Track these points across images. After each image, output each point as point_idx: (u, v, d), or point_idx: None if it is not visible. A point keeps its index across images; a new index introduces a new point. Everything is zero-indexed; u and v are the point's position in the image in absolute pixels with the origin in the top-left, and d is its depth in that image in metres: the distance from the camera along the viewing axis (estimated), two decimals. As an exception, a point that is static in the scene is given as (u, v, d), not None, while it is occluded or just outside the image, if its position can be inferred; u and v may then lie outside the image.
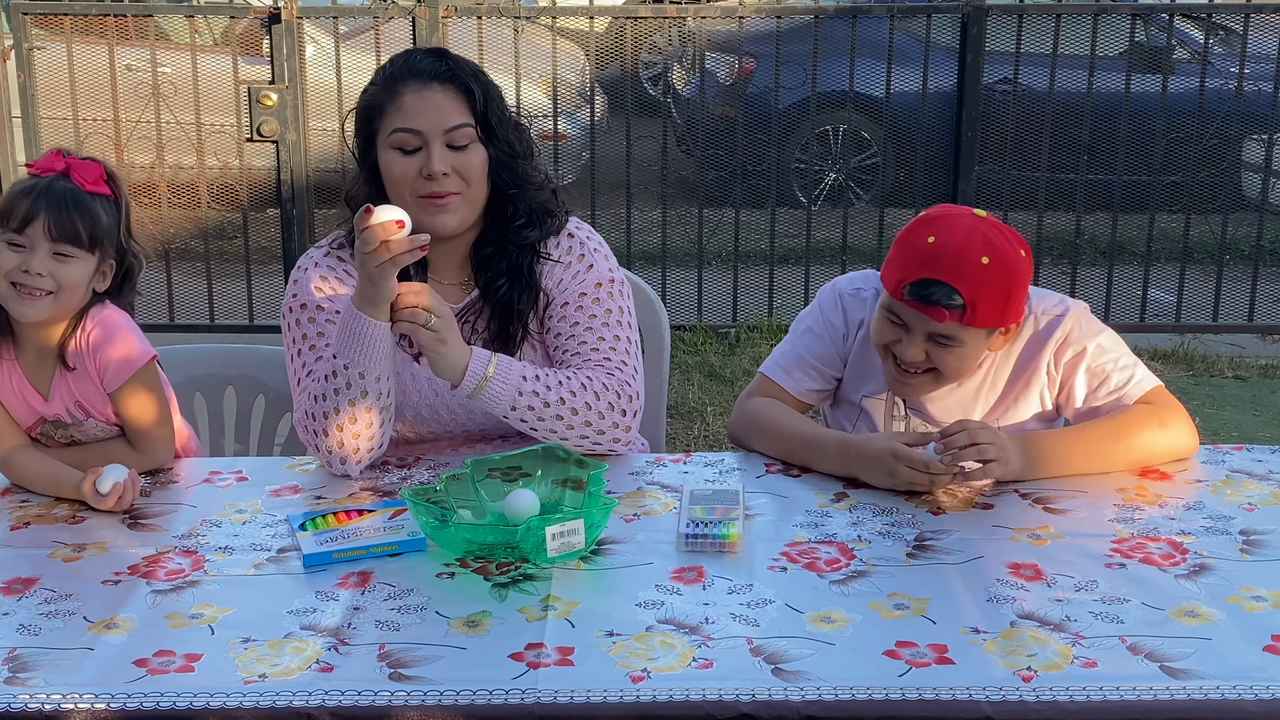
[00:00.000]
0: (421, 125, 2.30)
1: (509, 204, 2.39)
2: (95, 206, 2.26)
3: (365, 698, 1.58)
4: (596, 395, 2.31)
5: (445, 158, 2.30)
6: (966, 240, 2.20)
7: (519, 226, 2.40)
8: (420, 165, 2.30)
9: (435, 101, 2.31)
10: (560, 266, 2.43)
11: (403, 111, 2.31)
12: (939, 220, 2.25)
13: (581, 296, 2.40)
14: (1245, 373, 5.73)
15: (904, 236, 2.28)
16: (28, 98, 5.76)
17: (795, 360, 2.45)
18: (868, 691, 1.58)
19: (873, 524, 2.05)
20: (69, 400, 2.31)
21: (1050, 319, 2.34)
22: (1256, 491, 2.17)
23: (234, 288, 6.12)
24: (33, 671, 1.66)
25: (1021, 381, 2.36)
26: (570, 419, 2.29)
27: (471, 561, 1.93)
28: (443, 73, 2.33)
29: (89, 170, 2.28)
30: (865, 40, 5.91)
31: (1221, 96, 6.19)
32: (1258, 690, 1.57)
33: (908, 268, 2.22)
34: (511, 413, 2.28)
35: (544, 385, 2.27)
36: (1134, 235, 6.47)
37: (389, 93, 2.34)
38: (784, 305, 6.12)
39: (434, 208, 2.32)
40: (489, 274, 2.40)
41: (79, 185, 2.26)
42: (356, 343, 2.21)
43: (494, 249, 2.40)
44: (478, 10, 5.72)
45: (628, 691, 1.59)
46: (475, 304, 2.41)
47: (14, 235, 2.22)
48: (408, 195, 2.31)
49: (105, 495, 2.13)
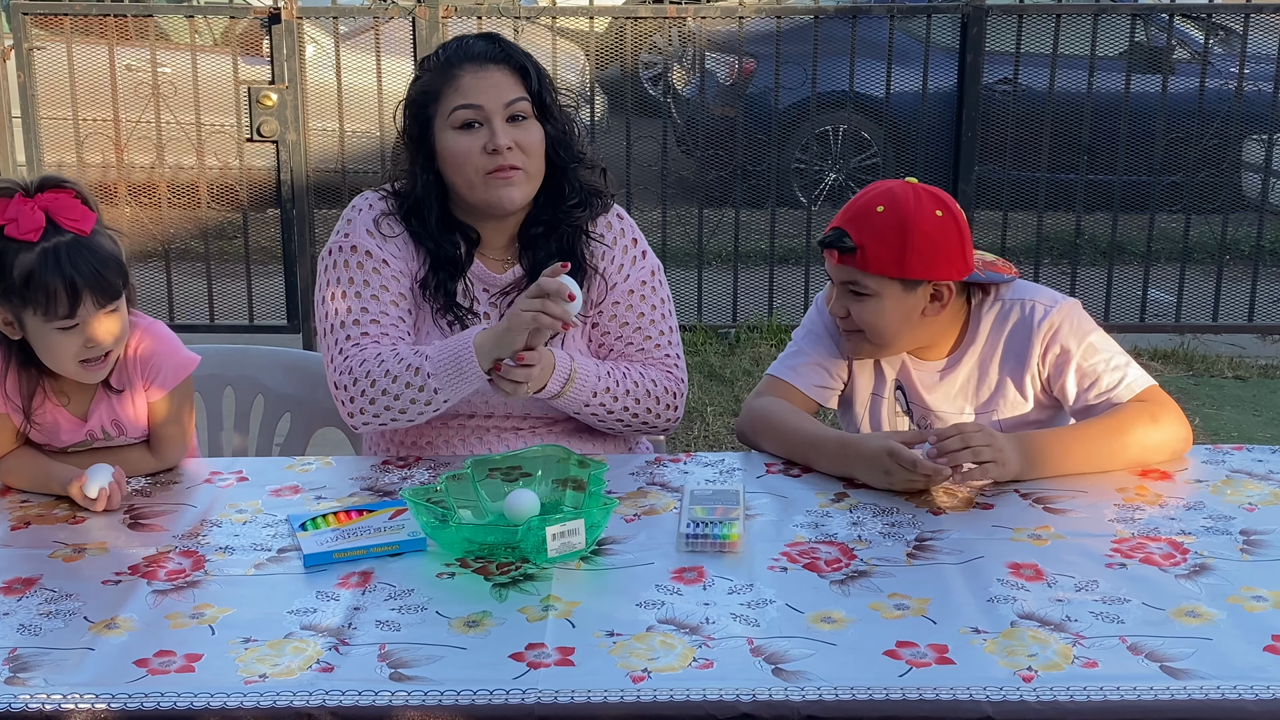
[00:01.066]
0: (483, 100, 2.35)
1: (564, 182, 2.44)
2: (106, 248, 2.14)
3: (366, 698, 1.58)
4: (656, 397, 2.45)
5: (507, 132, 2.35)
6: (871, 195, 2.34)
7: (571, 206, 2.45)
8: (484, 142, 2.35)
9: (493, 79, 2.37)
10: (613, 248, 2.50)
11: (461, 91, 2.36)
12: (872, 185, 2.38)
13: (643, 285, 2.51)
14: (1245, 373, 5.73)
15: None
16: (28, 98, 5.76)
17: (801, 360, 2.48)
18: (868, 691, 1.58)
19: (873, 524, 2.05)
20: (106, 419, 2.29)
21: (1038, 308, 2.37)
22: (1257, 491, 2.17)
23: (234, 288, 6.12)
24: (33, 671, 1.66)
25: (1012, 370, 2.38)
26: (631, 416, 2.42)
27: (472, 561, 1.93)
28: (497, 54, 2.40)
29: (73, 209, 2.12)
30: (865, 40, 5.91)
31: (1221, 96, 6.19)
32: (1258, 690, 1.57)
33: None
34: (583, 409, 2.39)
35: (614, 381, 2.40)
36: (1134, 235, 6.47)
37: (445, 76, 2.38)
38: (784, 305, 6.12)
39: (500, 181, 2.36)
40: (539, 254, 2.44)
41: (79, 232, 2.10)
42: (457, 378, 2.28)
43: (544, 229, 2.45)
44: (478, 10, 5.72)
45: (628, 691, 1.59)
46: (519, 281, 2.45)
47: (67, 320, 2.10)
48: (472, 172, 2.36)
49: (94, 499, 2.13)
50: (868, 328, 2.35)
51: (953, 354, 2.41)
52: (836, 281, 2.36)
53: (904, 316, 2.33)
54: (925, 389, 2.42)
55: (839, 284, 2.36)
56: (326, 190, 6.26)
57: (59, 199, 2.12)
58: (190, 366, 2.32)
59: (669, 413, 2.47)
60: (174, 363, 2.30)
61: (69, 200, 2.13)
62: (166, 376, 2.29)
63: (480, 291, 2.46)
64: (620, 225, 2.54)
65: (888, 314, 2.33)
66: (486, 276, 2.46)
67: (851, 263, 2.30)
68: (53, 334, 2.13)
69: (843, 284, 2.34)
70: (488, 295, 2.46)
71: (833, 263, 2.34)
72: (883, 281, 2.30)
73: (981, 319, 2.39)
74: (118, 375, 2.26)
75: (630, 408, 2.42)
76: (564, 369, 2.33)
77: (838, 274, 2.35)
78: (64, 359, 2.16)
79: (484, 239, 2.46)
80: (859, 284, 2.32)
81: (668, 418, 2.47)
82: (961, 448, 2.12)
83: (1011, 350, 2.37)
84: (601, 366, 2.41)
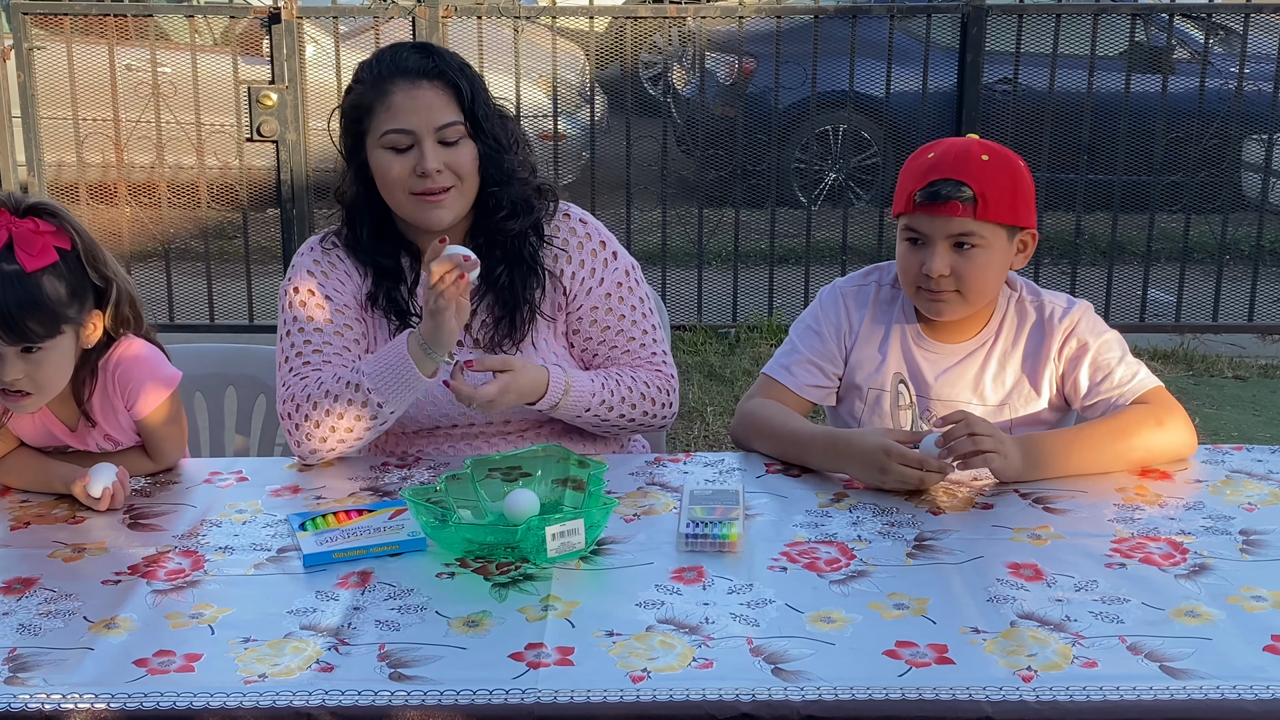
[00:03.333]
0: (413, 124, 2.31)
1: (492, 197, 2.41)
2: (44, 290, 2.07)
3: (365, 698, 1.58)
4: (651, 399, 2.45)
5: (438, 154, 2.32)
6: (964, 145, 2.32)
7: (501, 219, 2.42)
8: (414, 163, 2.32)
9: (425, 100, 2.32)
10: (579, 253, 2.48)
11: (393, 112, 2.32)
12: (936, 143, 2.37)
13: (619, 286, 2.48)
14: (1245, 373, 5.73)
15: (907, 163, 2.38)
16: (28, 98, 5.76)
17: (796, 358, 2.46)
18: (868, 691, 1.58)
19: (873, 524, 2.05)
20: (98, 436, 2.29)
21: (1059, 308, 2.38)
22: (1256, 491, 2.17)
23: (234, 288, 6.12)
24: (33, 671, 1.66)
25: (1030, 369, 2.38)
26: (627, 420, 2.44)
27: (471, 561, 1.93)
28: (430, 69, 2.34)
29: (30, 241, 2.07)
30: (865, 40, 5.91)
31: (1221, 96, 6.19)
32: (1258, 690, 1.57)
33: (914, 179, 2.31)
34: (576, 419, 2.41)
35: (608, 391, 2.40)
36: (1134, 235, 6.47)
37: (378, 92, 2.34)
38: (784, 305, 6.12)
39: (429, 204, 2.34)
40: (488, 263, 2.41)
41: (23, 265, 2.05)
42: (398, 385, 2.28)
43: (485, 240, 2.42)
44: (478, 10, 5.72)
45: (628, 691, 1.59)
46: (476, 291, 2.41)
47: None
48: (401, 193, 2.34)
49: (98, 499, 2.13)
50: (973, 281, 2.31)
51: (972, 339, 2.40)
52: (941, 236, 2.28)
53: (1002, 268, 2.35)
54: (936, 376, 2.40)
55: (944, 239, 2.28)
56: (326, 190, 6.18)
57: (29, 228, 2.08)
58: (171, 385, 2.29)
59: (664, 410, 2.48)
60: (153, 385, 2.27)
61: (36, 233, 2.09)
62: (148, 400, 2.26)
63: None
64: (585, 230, 2.50)
65: (995, 265, 2.32)
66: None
67: (970, 213, 2.26)
68: None
69: (949, 238, 2.28)
70: None
71: (944, 215, 2.27)
72: (996, 230, 2.29)
73: (1006, 308, 2.40)
74: (99, 405, 2.26)
75: (626, 413, 2.42)
76: (557, 388, 2.34)
77: (947, 228, 2.28)
78: None
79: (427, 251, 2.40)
80: (973, 235, 2.28)
81: (664, 416, 2.48)
82: (966, 433, 2.11)
83: (1030, 350, 2.38)
84: (595, 379, 2.41)
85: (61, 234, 2.13)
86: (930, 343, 2.41)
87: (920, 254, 2.32)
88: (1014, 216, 2.31)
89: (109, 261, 2.22)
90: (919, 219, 2.31)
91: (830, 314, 2.47)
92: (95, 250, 2.19)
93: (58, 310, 2.10)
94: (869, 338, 2.45)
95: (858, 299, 2.47)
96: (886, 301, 2.46)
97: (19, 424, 2.28)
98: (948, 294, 2.32)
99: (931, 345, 2.41)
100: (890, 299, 2.46)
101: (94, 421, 2.27)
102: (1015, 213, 2.31)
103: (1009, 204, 2.29)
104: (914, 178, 2.31)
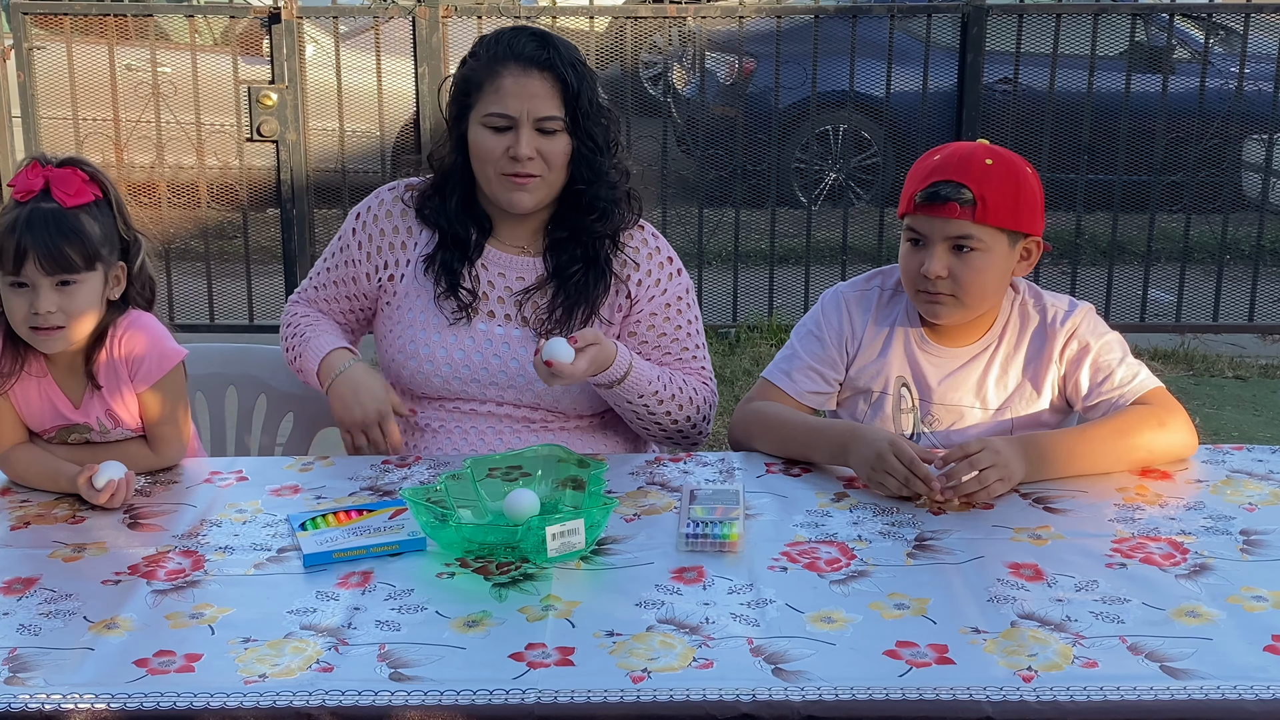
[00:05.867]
0: (516, 111, 2.39)
1: (583, 196, 2.47)
2: (82, 223, 2.20)
3: (365, 698, 1.58)
4: (697, 406, 2.51)
5: (532, 141, 2.39)
6: (969, 149, 2.33)
7: (592, 220, 2.48)
8: (508, 144, 2.39)
9: (532, 88, 2.39)
10: (647, 263, 2.53)
11: (500, 94, 2.40)
12: (944, 146, 2.39)
13: (678, 300, 2.55)
14: (1245, 373, 5.73)
15: (914, 165, 2.39)
16: (28, 98, 5.77)
17: (797, 364, 2.46)
18: (868, 691, 1.58)
19: (873, 524, 2.05)
20: (100, 409, 2.31)
21: (1061, 311, 2.39)
22: (1257, 491, 2.17)
23: (234, 288, 6.12)
24: (33, 671, 1.66)
25: (1033, 373, 2.38)
26: (670, 421, 2.48)
27: (471, 561, 1.93)
28: (543, 60, 2.41)
29: (69, 182, 2.21)
30: (865, 40, 5.92)
31: (1221, 96, 6.19)
32: (1258, 690, 1.57)
33: (918, 181, 2.32)
34: (628, 405, 2.45)
35: (663, 384, 2.46)
36: (1134, 235, 6.47)
37: (489, 72, 2.42)
38: (784, 305, 6.12)
39: (514, 185, 2.42)
40: (564, 256, 2.49)
41: (61, 203, 2.19)
42: (306, 376, 2.55)
43: (569, 234, 2.49)
44: (478, 10, 5.73)
45: (628, 691, 1.58)
46: (541, 281, 2.49)
47: (13, 276, 2.18)
48: (491, 169, 2.42)
49: (100, 490, 2.13)
50: (970, 285, 2.31)
51: (976, 342, 2.40)
52: (940, 238, 2.29)
53: (1003, 274, 2.34)
54: (939, 380, 2.40)
55: (943, 240, 2.29)
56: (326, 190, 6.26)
57: (66, 173, 2.21)
58: (175, 358, 2.32)
59: (703, 424, 2.54)
60: (158, 353, 2.30)
61: (74, 176, 2.21)
62: (151, 369, 2.29)
63: (496, 276, 2.50)
64: (655, 243, 2.58)
65: (994, 270, 2.32)
66: (501, 260, 2.50)
67: (969, 215, 2.27)
68: (7, 289, 2.21)
69: (947, 240, 2.29)
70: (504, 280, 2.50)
71: (943, 217, 2.28)
72: (995, 235, 2.29)
73: (1009, 312, 2.41)
74: (104, 371, 2.28)
75: (673, 412, 2.47)
76: (624, 361, 2.38)
77: (945, 229, 2.29)
78: (15, 318, 2.22)
79: (502, 230, 2.52)
80: (972, 238, 2.28)
81: (700, 429, 2.54)
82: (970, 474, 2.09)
83: (1033, 353, 2.38)
84: (655, 369, 2.46)
85: (95, 183, 2.25)
86: (933, 346, 2.41)
87: (920, 255, 2.32)
88: (1015, 222, 2.30)
89: (133, 225, 2.32)
90: (919, 220, 2.32)
91: (832, 319, 2.47)
92: (124, 207, 2.30)
93: (89, 245, 2.20)
94: (872, 342, 2.44)
95: (861, 304, 2.47)
96: (889, 305, 2.46)
97: (24, 398, 2.30)
98: (945, 296, 2.32)
99: (935, 349, 2.41)
100: (893, 303, 2.46)
101: (99, 384, 2.28)
102: (1017, 218, 2.30)
103: (1010, 209, 2.29)
104: (918, 179, 2.33)
